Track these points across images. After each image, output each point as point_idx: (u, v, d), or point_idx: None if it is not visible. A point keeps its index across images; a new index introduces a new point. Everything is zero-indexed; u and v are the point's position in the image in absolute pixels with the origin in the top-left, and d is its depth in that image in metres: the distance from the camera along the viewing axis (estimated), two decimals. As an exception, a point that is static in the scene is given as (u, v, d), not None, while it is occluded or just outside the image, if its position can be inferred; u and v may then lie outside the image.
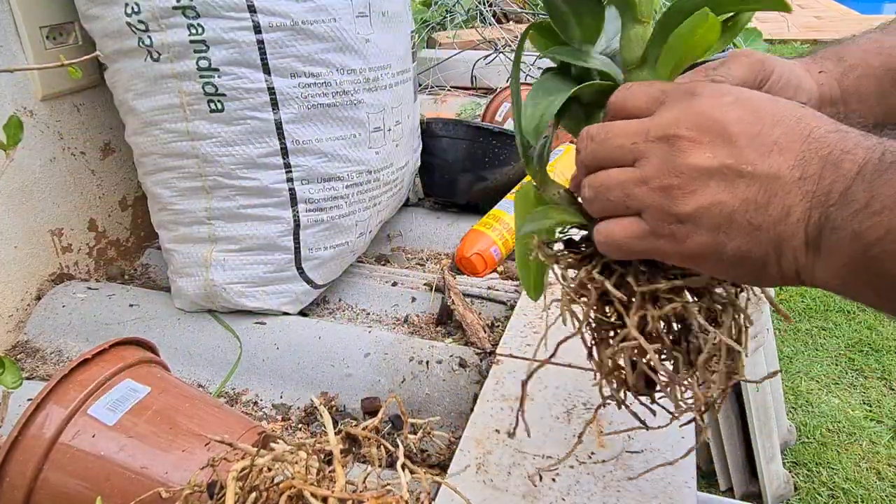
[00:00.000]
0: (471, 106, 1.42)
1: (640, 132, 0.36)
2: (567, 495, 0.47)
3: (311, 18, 0.66)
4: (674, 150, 0.34)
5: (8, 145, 0.48)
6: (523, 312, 0.70)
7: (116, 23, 0.66)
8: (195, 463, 0.44)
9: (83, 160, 0.83)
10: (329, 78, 0.69)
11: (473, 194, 0.99)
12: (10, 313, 0.75)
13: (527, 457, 0.51)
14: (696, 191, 0.33)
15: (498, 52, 1.56)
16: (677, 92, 0.36)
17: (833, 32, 4.90)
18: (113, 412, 0.46)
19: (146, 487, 0.42)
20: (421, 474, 0.36)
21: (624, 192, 0.35)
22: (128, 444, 0.44)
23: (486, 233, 0.85)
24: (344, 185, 0.74)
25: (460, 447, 0.52)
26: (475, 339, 0.69)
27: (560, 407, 0.56)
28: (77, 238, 0.83)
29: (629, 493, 0.47)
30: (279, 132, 0.68)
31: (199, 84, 0.66)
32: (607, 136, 0.37)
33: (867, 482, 1.48)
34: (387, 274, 0.85)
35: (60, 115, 0.80)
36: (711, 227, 0.33)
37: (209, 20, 0.64)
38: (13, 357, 0.72)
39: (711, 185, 0.33)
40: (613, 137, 0.37)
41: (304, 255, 0.74)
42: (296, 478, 0.34)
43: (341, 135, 0.72)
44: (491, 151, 0.96)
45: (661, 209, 0.34)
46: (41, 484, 0.43)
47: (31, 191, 0.76)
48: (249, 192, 0.70)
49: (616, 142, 0.36)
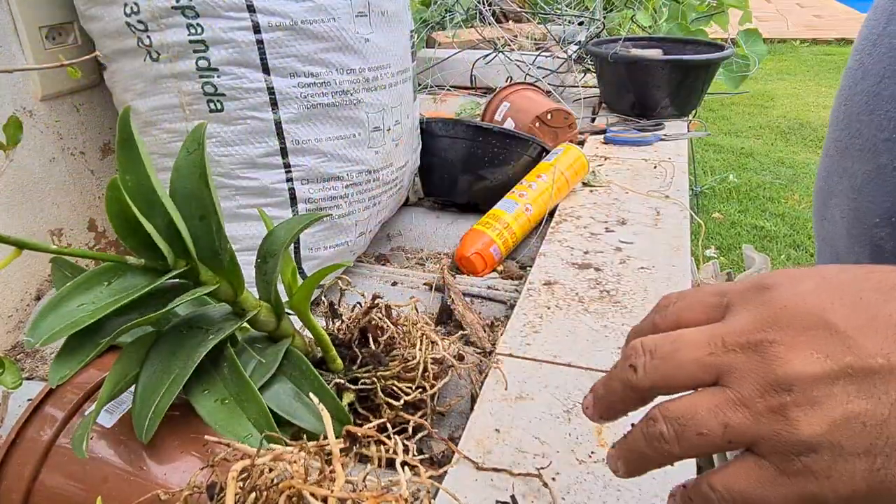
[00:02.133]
0: (470, 105, 1.42)
1: (713, 341, 0.28)
2: (567, 495, 0.47)
3: (310, 18, 0.66)
4: (767, 358, 0.26)
5: (7, 145, 0.47)
6: (523, 312, 0.70)
7: (116, 23, 0.66)
8: (194, 464, 0.44)
9: (83, 160, 0.83)
10: (328, 78, 0.69)
11: (473, 194, 0.99)
12: (10, 313, 0.75)
13: (527, 456, 0.51)
14: (819, 403, 0.25)
15: (497, 52, 1.56)
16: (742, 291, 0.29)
17: (833, 32, 4.90)
18: (111, 414, 0.46)
19: (145, 489, 0.42)
20: (421, 473, 0.36)
21: (720, 422, 0.27)
22: (126, 446, 0.44)
23: (485, 232, 0.85)
24: (344, 185, 0.74)
25: (460, 446, 0.52)
26: (475, 339, 0.69)
27: (560, 406, 0.56)
28: (77, 238, 0.83)
29: (629, 493, 0.47)
30: (279, 132, 0.68)
31: (198, 84, 0.66)
32: (675, 348, 0.29)
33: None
34: (386, 273, 0.85)
35: (60, 115, 0.79)
36: (861, 450, 0.25)
37: (208, 20, 0.64)
38: (13, 357, 0.72)
39: (837, 392, 0.25)
40: (683, 350, 0.28)
41: (303, 255, 0.74)
42: (295, 477, 0.34)
43: (341, 134, 0.72)
44: (490, 151, 0.96)
45: (780, 438, 0.26)
46: (38, 486, 0.43)
47: (31, 191, 0.76)
48: (249, 192, 0.70)
49: (688, 355, 0.28)
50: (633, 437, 0.30)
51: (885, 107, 0.47)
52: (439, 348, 0.56)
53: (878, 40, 0.48)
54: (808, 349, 0.26)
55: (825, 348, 0.26)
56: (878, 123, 0.47)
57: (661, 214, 0.93)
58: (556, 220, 0.92)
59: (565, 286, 0.75)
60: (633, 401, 0.30)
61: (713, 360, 0.27)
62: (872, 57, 0.49)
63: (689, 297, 0.31)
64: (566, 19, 1.83)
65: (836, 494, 0.25)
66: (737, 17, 2.23)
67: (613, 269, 0.78)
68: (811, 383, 0.25)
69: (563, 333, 0.66)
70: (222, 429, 0.42)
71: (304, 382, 0.48)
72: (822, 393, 0.25)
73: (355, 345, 0.56)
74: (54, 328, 0.40)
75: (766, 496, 0.26)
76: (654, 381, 0.29)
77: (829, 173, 0.55)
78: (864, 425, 0.25)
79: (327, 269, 0.49)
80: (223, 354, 0.46)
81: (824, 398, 0.25)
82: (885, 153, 0.47)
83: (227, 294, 0.47)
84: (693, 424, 0.27)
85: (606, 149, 1.21)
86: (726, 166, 3.62)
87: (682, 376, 0.28)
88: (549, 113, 1.12)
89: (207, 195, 0.44)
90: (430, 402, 0.55)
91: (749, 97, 4.60)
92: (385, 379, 0.53)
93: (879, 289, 0.27)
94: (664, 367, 0.29)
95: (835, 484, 0.25)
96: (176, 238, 0.43)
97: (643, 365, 0.29)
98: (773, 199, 3.21)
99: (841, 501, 0.25)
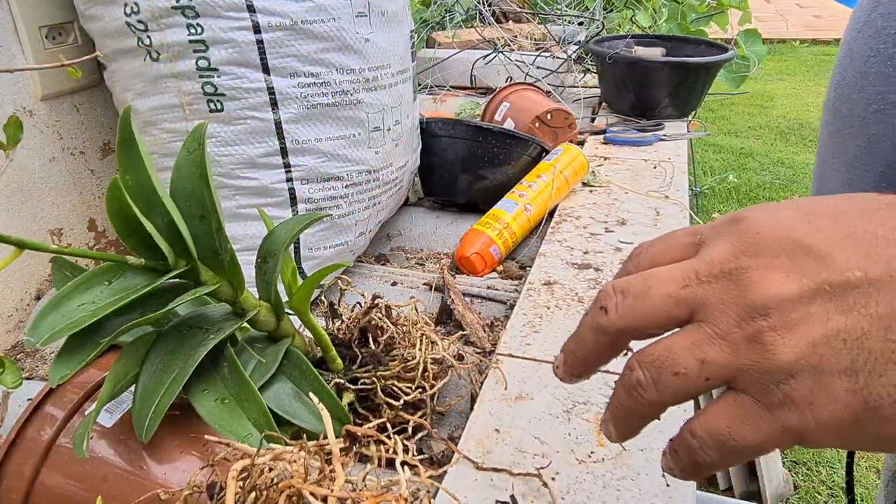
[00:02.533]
0: (470, 105, 1.42)
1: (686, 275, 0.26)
2: (567, 494, 0.47)
3: (310, 18, 0.66)
4: (741, 285, 0.25)
5: (8, 145, 0.47)
6: (523, 312, 0.70)
7: (116, 22, 0.66)
8: (194, 463, 0.44)
9: (83, 160, 0.83)
10: (328, 77, 0.69)
11: (473, 194, 0.99)
12: (10, 313, 0.75)
13: (526, 456, 0.51)
14: (797, 325, 0.24)
15: (497, 52, 1.56)
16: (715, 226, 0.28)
17: (833, 32, 4.90)
18: (111, 414, 0.46)
19: (145, 489, 0.42)
20: (421, 473, 0.36)
21: (697, 358, 0.25)
22: (126, 446, 0.44)
23: (485, 232, 0.85)
24: (343, 185, 0.74)
25: (460, 446, 0.52)
26: (475, 339, 0.69)
27: (560, 406, 0.56)
28: (77, 238, 0.83)
29: (629, 493, 0.47)
30: (279, 132, 0.68)
31: (198, 84, 0.66)
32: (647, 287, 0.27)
33: (867, 481, 1.47)
34: (386, 273, 0.85)
35: (60, 115, 0.80)
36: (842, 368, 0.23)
37: (208, 20, 0.64)
38: (13, 357, 0.72)
39: (815, 310, 0.24)
40: (656, 286, 0.27)
41: (303, 255, 0.74)
42: (295, 477, 0.34)
43: (341, 134, 0.72)
44: (490, 151, 0.96)
45: (758, 367, 0.24)
46: (39, 486, 0.43)
47: (31, 191, 0.76)
48: (249, 191, 0.70)
49: (661, 290, 0.27)
50: (616, 394, 0.28)
51: (873, 83, 0.47)
52: (439, 348, 0.56)
53: (864, 26, 0.49)
54: (783, 271, 0.25)
55: (801, 268, 0.24)
56: (866, 98, 0.48)
57: (660, 215, 0.93)
58: (555, 220, 0.92)
59: (565, 286, 0.75)
60: (605, 347, 0.28)
61: (687, 293, 0.26)
62: (859, 42, 0.49)
63: (662, 241, 0.30)
64: (566, 19, 1.83)
65: (819, 423, 0.24)
66: (736, 17, 2.23)
67: (613, 269, 0.78)
68: (788, 305, 0.24)
69: (562, 333, 0.66)
70: (222, 428, 0.43)
71: (303, 382, 0.48)
72: (799, 314, 0.24)
73: (355, 345, 0.56)
74: (54, 328, 0.40)
75: (746, 436, 0.24)
76: (627, 322, 0.27)
77: (824, 157, 0.55)
78: (845, 342, 0.23)
79: (327, 269, 0.49)
80: (223, 354, 0.46)
81: (802, 319, 0.24)
82: (874, 125, 0.48)
83: (227, 294, 0.47)
84: (669, 365, 0.25)
85: (606, 149, 1.21)
86: (726, 166, 3.62)
87: (656, 314, 0.26)
88: (549, 113, 1.12)
89: (208, 195, 0.44)
90: (430, 402, 0.55)
91: (749, 97, 4.60)
92: (385, 379, 0.53)
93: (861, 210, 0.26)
94: (637, 304, 0.27)
95: (817, 411, 0.23)
96: (176, 238, 0.43)
97: (615, 306, 0.27)
98: (773, 199, 3.21)
99: (825, 432, 0.24)
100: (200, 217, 0.45)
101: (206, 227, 0.45)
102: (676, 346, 0.26)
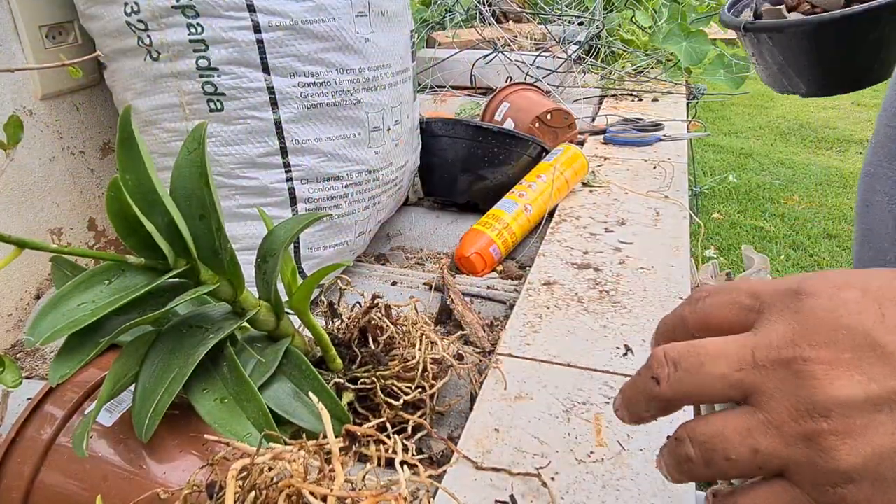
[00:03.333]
0: (470, 105, 1.42)
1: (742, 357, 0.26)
2: (566, 494, 0.47)
3: (310, 18, 0.66)
4: (801, 378, 0.24)
5: (8, 144, 0.47)
6: (522, 312, 0.70)
7: (116, 22, 0.66)
8: (194, 462, 0.44)
9: (83, 159, 0.83)
10: (328, 77, 0.69)
11: (473, 194, 0.99)
12: (10, 312, 0.75)
13: (526, 456, 0.51)
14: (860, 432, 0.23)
15: (497, 52, 1.56)
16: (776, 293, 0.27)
17: (833, 32, 4.86)
18: (111, 413, 0.46)
19: (144, 488, 0.42)
20: (421, 472, 0.36)
21: (749, 447, 0.25)
22: (125, 445, 0.44)
23: (485, 232, 0.85)
24: (343, 185, 0.74)
25: (459, 446, 0.52)
26: (474, 339, 0.69)
27: (559, 406, 0.56)
28: (76, 237, 0.83)
29: (629, 493, 0.47)
30: (279, 132, 0.68)
31: (198, 83, 0.66)
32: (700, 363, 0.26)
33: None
34: (386, 273, 0.85)
35: (60, 115, 0.80)
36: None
37: (208, 19, 0.64)
38: (13, 356, 0.72)
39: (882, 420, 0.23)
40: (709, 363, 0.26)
41: (303, 255, 0.74)
42: (294, 476, 0.34)
43: (341, 134, 0.72)
44: (490, 151, 0.96)
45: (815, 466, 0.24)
46: (38, 485, 0.43)
47: (31, 190, 0.76)
48: (249, 191, 0.70)
49: (715, 369, 0.26)
50: (664, 461, 0.29)
51: None
52: (439, 348, 0.56)
53: None
54: (849, 371, 0.24)
55: (868, 371, 0.24)
56: None
57: (660, 215, 0.93)
58: (555, 221, 0.92)
59: (565, 286, 0.75)
60: (658, 410, 0.29)
61: (742, 377, 0.25)
62: None
63: (722, 295, 0.29)
64: (566, 19, 1.83)
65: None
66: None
67: (613, 269, 0.78)
68: (852, 409, 0.23)
69: (562, 333, 0.66)
70: (222, 428, 0.43)
71: (303, 382, 0.48)
72: (864, 421, 0.23)
73: (355, 344, 0.56)
74: (54, 327, 0.40)
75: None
76: (679, 396, 0.27)
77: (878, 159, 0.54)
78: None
79: (327, 269, 0.49)
80: (223, 354, 0.46)
81: (867, 427, 0.23)
82: None
83: (227, 293, 0.47)
84: (721, 449, 0.26)
85: (606, 149, 1.21)
86: (726, 167, 3.62)
87: (709, 392, 0.26)
88: (549, 113, 1.12)
89: (207, 194, 0.44)
90: (430, 402, 0.55)
91: (749, 97, 4.60)
92: (384, 378, 0.53)
93: None
94: (689, 380, 0.27)
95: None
96: (176, 237, 0.43)
97: (666, 377, 0.27)
98: (773, 200, 3.22)
99: None
100: (200, 216, 0.45)
101: (205, 226, 0.45)
102: (729, 430, 0.25)
